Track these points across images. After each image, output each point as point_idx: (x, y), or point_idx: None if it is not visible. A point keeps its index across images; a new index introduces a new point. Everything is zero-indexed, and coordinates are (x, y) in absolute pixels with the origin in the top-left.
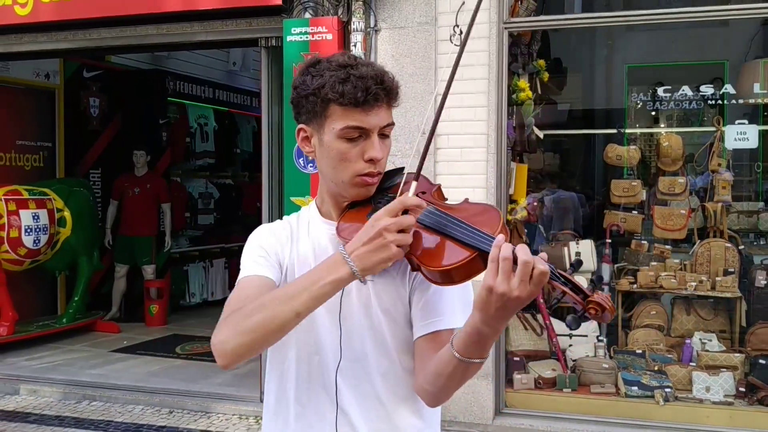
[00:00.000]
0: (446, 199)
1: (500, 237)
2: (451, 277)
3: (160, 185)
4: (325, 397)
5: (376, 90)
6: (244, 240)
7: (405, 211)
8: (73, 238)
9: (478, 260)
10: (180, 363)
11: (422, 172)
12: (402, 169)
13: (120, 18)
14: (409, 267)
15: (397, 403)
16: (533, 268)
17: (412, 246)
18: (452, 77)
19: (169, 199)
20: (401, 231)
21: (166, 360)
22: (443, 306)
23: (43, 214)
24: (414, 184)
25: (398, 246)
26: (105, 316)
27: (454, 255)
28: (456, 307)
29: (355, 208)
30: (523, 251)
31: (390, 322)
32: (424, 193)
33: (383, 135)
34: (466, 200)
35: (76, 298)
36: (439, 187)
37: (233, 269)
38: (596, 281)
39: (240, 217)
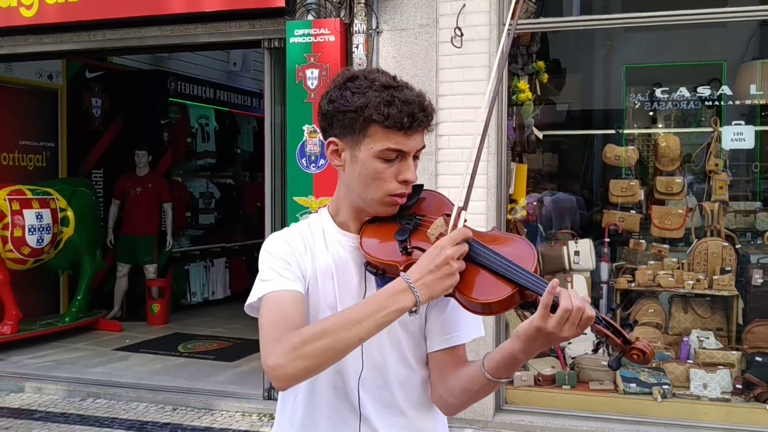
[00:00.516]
0: (466, 221)
1: (554, 282)
2: (491, 308)
3: (162, 185)
4: (348, 405)
5: (421, 116)
6: (245, 240)
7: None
8: (76, 238)
9: (517, 296)
10: (182, 361)
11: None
12: (421, 186)
13: (124, 20)
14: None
15: (415, 409)
16: (583, 314)
17: None
18: (491, 110)
19: (170, 199)
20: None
21: (169, 358)
22: (461, 322)
23: (46, 213)
24: (464, 214)
25: (458, 268)
26: (107, 315)
27: (496, 289)
28: (470, 321)
29: (376, 223)
30: (576, 298)
31: (407, 334)
32: (448, 215)
33: (416, 157)
34: (495, 228)
35: (78, 297)
36: (460, 210)
37: (234, 269)
38: (633, 325)
39: (240, 217)
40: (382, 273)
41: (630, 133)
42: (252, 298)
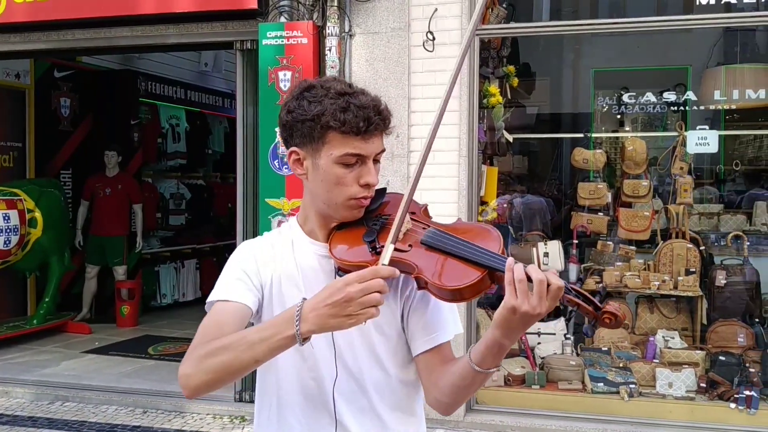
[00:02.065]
0: (431, 218)
1: (511, 260)
2: (462, 295)
3: (132, 186)
4: (324, 412)
5: (377, 120)
6: (216, 241)
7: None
8: (44, 239)
9: (488, 279)
10: (152, 364)
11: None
12: (384, 190)
13: (93, 20)
14: (401, 285)
15: (394, 413)
16: (549, 285)
17: (420, 266)
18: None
19: (140, 200)
20: (368, 297)
21: (139, 361)
22: (442, 320)
23: (13, 214)
24: (391, 248)
25: (362, 311)
26: (76, 317)
27: (465, 275)
28: (449, 317)
29: (343, 229)
30: (535, 270)
31: (383, 338)
32: (413, 213)
33: (376, 160)
34: (459, 220)
35: (46, 299)
36: (426, 207)
37: (205, 270)
38: (602, 291)
39: (211, 218)
40: None
41: (598, 137)
42: (208, 299)
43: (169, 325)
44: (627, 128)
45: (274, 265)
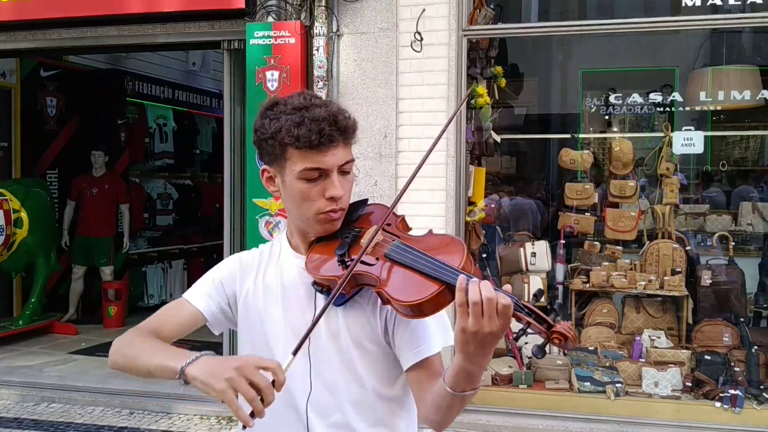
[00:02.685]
0: (410, 229)
1: (461, 278)
2: (422, 310)
3: (119, 186)
4: (299, 426)
5: (330, 131)
6: (203, 241)
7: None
8: (30, 239)
9: (446, 293)
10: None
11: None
12: (365, 201)
13: (81, 19)
14: (380, 300)
15: (371, 428)
16: (497, 303)
17: (382, 281)
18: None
19: (127, 200)
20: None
21: None
22: (427, 333)
23: None
24: (293, 359)
25: (234, 386)
26: (62, 317)
27: (423, 289)
28: (435, 330)
29: (322, 242)
30: (486, 289)
31: (360, 352)
32: (389, 225)
33: (344, 171)
34: (430, 231)
35: (32, 300)
36: (403, 218)
37: (192, 270)
38: (557, 310)
39: (199, 218)
40: (327, 290)
41: (586, 138)
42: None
43: None
44: (615, 129)
45: (257, 275)
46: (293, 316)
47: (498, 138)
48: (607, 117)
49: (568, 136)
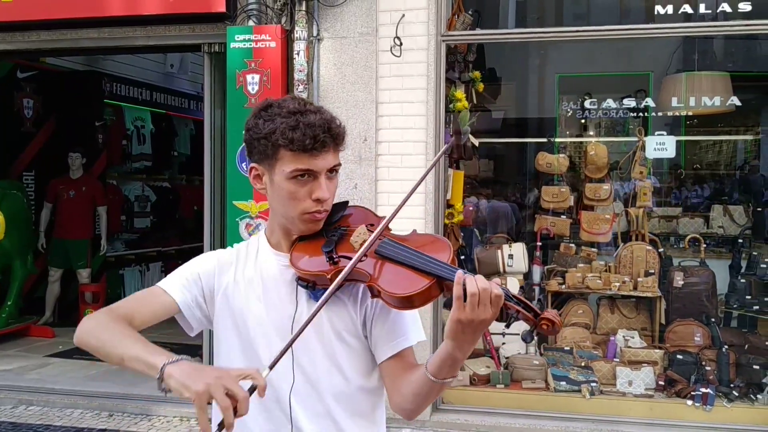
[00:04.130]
0: (391, 230)
1: (460, 272)
2: (412, 302)
3: (96, 188)
4: (281, 415)
5: (324, 137)
6: (181, 243)
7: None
8: (7, 242)
9: (436, 286)
10: (117, 367)
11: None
12: (346, 203)
13: (59, 21)
14: (360, 294)
15: (352, 419)
16: (491, 294)
17: (373, 275)
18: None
19: (104, 202)
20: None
21: (104, 364)
22: (402, 327)
23: None
24: (267, 372)
25: (211, 390)
26: (38, 320)
27: (414, 283)
28: (410, 324)
29: (305, 240)
30: (481, 281)
31: (342, 345)
32: (372, 225)
33: (331, 176)
34: (415, 231)
35: (9, 303)
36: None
37: (170, 273)
38: (542, 300)
39: (177, 221)
40: (312, 285)
41: (562, 141)
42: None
43: None
44: (591, 133)
45: (236, 270)
46: (275, 311)
47: (476, 142)
48: (583, 121)
49: (544, 140)
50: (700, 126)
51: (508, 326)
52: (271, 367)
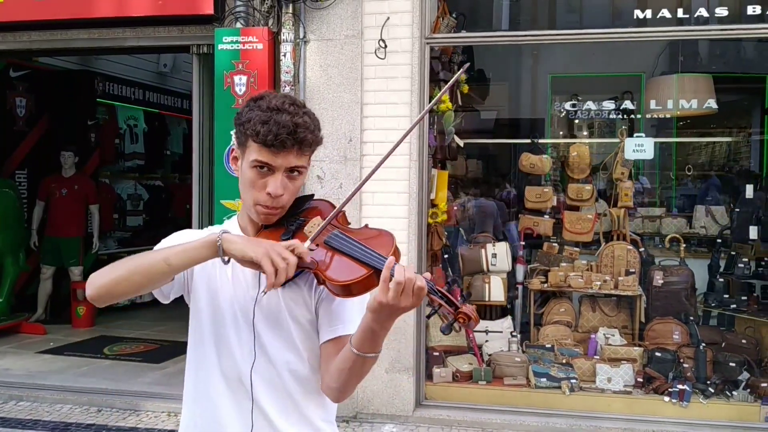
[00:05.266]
0: (349, 223)
1: (390, 259)
2: (350, 290)
3: (88, 186)
4: (242, 389)
5: (284, 138)
6: None
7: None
8: None
9: (374, 277)
10: (108, 363)
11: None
12: (312, 196)
13: (50, 22)
14: (315, 281)
15: (305, 396)
16: (414, 285)
17: (320, 263)
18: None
19: (97, 201)
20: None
21: (94, 361)
22: (345, 315)
23: None
24: (308, 243)
25: (273, 259)
26: (30, 317)
27: (353, 272)
28: (355, 315)
29: (269, 228)
30: (408, 271)
31: (298, 327)
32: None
33: (292, 175)
34: (366, 225)
35: (0, 300)
36: (343, 213)
37: None
38: (466, 297)
39: (169, 219)
40: None
41: (546, 143)
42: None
43: (126, 325)
44: (585, 133)
45: None
46: (240, 291)
47: (461, 142)
48: (576, 120)
49: (528, 141)
50: (689, 127)
51: (429, 317)
52: (312, 240)
